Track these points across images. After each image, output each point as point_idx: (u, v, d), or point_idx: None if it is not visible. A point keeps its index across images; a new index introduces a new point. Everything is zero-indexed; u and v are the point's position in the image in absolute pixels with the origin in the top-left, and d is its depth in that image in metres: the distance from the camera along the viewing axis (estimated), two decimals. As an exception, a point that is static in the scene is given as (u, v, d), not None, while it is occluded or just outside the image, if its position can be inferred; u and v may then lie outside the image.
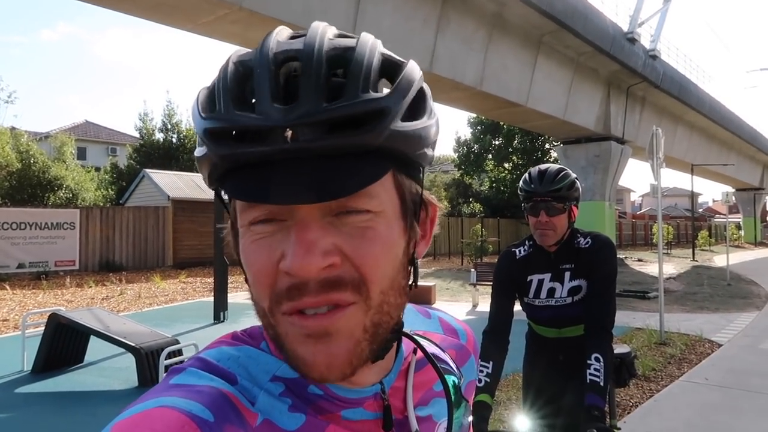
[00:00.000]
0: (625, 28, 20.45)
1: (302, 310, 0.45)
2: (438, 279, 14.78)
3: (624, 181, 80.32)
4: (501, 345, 2.04)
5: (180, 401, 0.44)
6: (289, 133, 0.43)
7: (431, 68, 14.03)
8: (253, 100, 0.45)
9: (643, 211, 62.48)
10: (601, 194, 22.79)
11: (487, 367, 1.96)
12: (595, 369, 1.81)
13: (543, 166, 2.06)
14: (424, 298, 10.79)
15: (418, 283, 0.53)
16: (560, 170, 2.04)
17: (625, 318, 9.10)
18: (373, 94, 0.45)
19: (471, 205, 33.73)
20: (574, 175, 2.06)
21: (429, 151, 0.51)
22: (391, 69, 0.50)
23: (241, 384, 0.49)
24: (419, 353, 0.60)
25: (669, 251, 28.81)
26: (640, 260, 22.44)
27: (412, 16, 13.24)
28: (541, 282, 2.08)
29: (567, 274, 2.04)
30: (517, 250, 2.18)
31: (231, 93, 0.46)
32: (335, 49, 0.50)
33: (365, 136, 0.44)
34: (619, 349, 2.08)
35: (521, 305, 2.20)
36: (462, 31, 14.79)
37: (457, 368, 0.66)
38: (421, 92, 0.52)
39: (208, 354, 0.52)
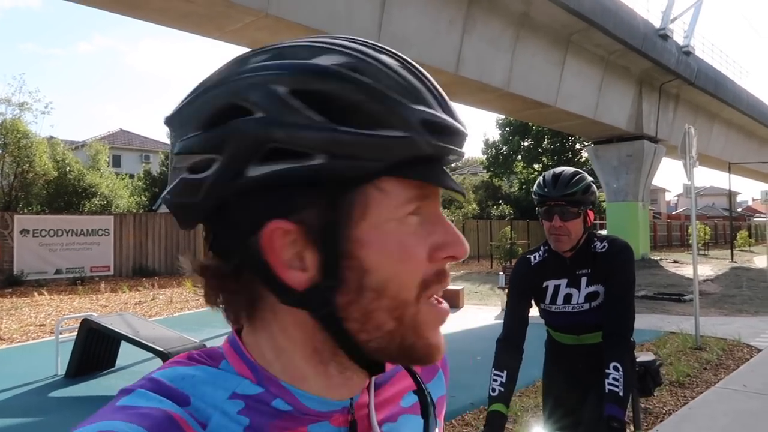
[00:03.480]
0: (657, 24, 20.02)
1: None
2: (467, 282, 14.67)
3: (658, 180, 78.77)
4: (514, 353, 2.00)
5: (121, 425, 0.43)
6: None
7: (458, 70, 13.95)
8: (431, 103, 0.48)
9: (678, 211, 60.97)
10: (634, 195, 22.33)
11: (501, 377, 1.94)
12: (614, 378, 1.75)
13: (558, 170, 2.01)
14: (452, 301, 10.70)
15: (447, 287, 0.54)
16: (575, 174, 1.99)
17: (659, 322, 8.88)
18: None
19: (500, 207, 33.40)
20: (589, 179, 2.00)
21: None
22: None
23: (193, 405, 0.47)
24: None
25: (706, 252, 28.04)
26: (675, 262, 21.89)
27: (438, 18, 13.19)
28: (557, 288, 2.03)
29: (583, 280, 1.98)
30: (532, 256, 2.14)
31: (430, 92, 0.49)
32: None
33: None
34: (644, 357, 2.01)
35: (539, 311, 2.15)
36: (488, 32, 14.67)
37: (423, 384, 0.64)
38: None
39: (160, 374, 0.50)
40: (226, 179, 0.46)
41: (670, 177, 67.07)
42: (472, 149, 46.35)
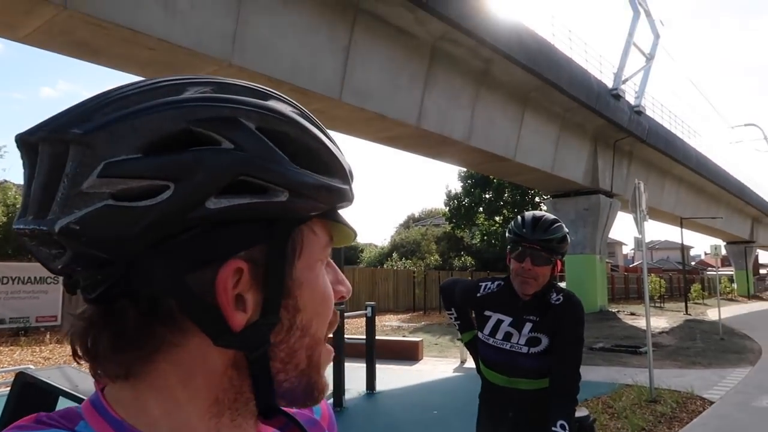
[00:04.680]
0: (609, 84, 21.00)
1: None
2: (427, 334, 14.54)
3: (615, 234, 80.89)
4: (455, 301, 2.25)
5: None
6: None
7: (419, 123, 14.25)
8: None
9: (635, 264, 62.43)
10: (591, 247, 22.81)
11: (452, 313, 2.22)
12: None
13: (538, 213, 2.00)
14: (411, 353, 10.57)
15: (406, 339, 0.56)
16: (555, 221, 1.99)
17: (615, 374, 8.91)
18: None
19: (462, 258, 33.64)
20: (566, 229, 2.01)
21: None
22: None
23: None
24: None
25: (662, 305, 28.62)
26: (632, 314, 22.23)
27: (400, 73, 13.55)
28: (500, 322, 1.99)
29: (528, 325, 1.95)
30: (483, 285, 2.12)
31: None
32: None
33: None
34: (577, 412, 1.97)
35: (477, 342, 2.12)
36: (449, 88, 15.11)
37: None
38: None
39: None
40: (181, 210, 0.42)
41: (626, 231, 68.96)
42: (435, 201, 46.90)
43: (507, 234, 2.05)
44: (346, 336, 7.28)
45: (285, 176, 0.45)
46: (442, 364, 10.08)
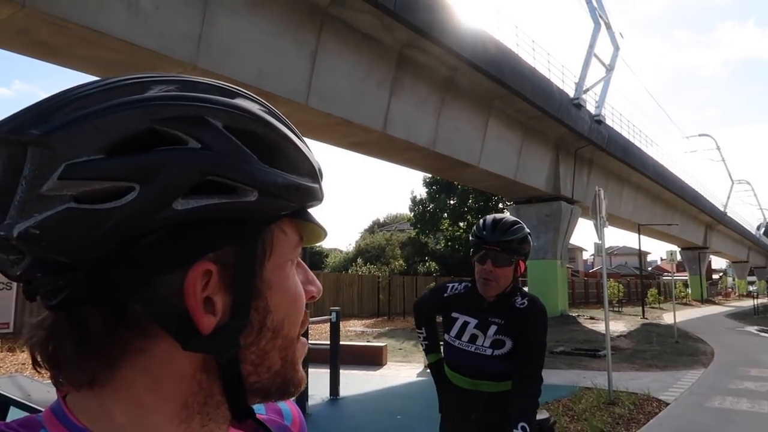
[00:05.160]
0: (571, 94, 21.48)
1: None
2: (391, 339, 14.58)
3: (576, 240, 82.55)
4: (427, 319, 2.29)
5: None
6: None
7: (385, 129, 14.32)
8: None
9: (595, 269, 63.84)
10: (552, 253, 23.25)
11: (422, 332, 2.23)
12: None
13: (498, 216, 2.04)
14: (374, 359, 10.58)
15: (370, 344, 0.57)
16: (515, 222, 2.02)
17: (575, 377, 9.10)
18: None
19: (427, 263, 33.85)
20: (527, 230, 2.04)
21: None
22: None
23: None
24: None
25: (620, 309, 29.32)
26: (592, 318, 22.71)
27: (366, 79, 13.59)
28: (466, 324, 2.02)
29: (493, 327, 1.98)
30: (450, 286, 2.16)
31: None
32: None
33: None
34: (538, 415, 2.01)
35: (443, 345, 2.14)
36: (415, 94, 15.23)
37: None
38: None
39: None
40: (147, 212, 0.41)
41: (586, 237, 70.47)
42: (400, 206, 47.09)
43: (470, 237, 2.08)
44: (310, 341, 7.23)
45: (254, 176, 0.44)
46: (406, 369, 10.12)
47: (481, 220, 2.06)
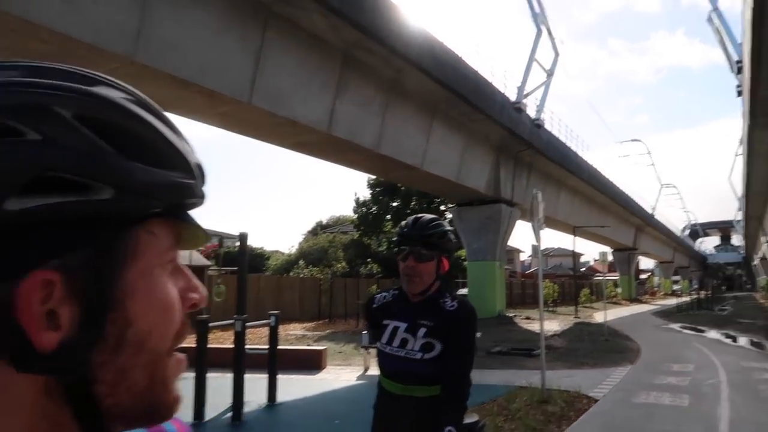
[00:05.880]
0: (513, 98, 22.05)
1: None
2: (331, 342, 14.58)
3: (513, 241, 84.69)
4: None
5: None
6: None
7: (330, 129, 14.30)
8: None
9: (531, 270, 65.74)
10: (492, 254, 23.78)
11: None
12: None
13: (420, 215, 2.11)
14: (314, 363, 10.54)
15: (309, 348, 0.52)
16: (434, 219, 2.09)
17: (511, 376, 9.38)
18: None
19: (369, 265, 33.96)
20: (448, 227, 2.11)
21: None
22: None
23: None
24: None
25: (555, 309, 30.33)
26: (528, 318, 23.40)
27: (312, 78, 13.53)
28: (396, 329, 2.05)
29: (422, 330, 2.00)
30: (378, 296, 2.21)
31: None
32: None
33: None
34: (467, 418, 2.07)
35: (377, 352, 2.16)
36: (361, 95, 15.27)
37: None
38: None
39: None
40: None
41: (523, 238, 72.41)
42: (344, 208, 47.04)
43: (395, 239, 2.15)
44: (247, 346, 7.15)
45: (108, 171, 0.39)
46: (346, 373, 10.14)
47: (404, 221, 2.13)
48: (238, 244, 8.01)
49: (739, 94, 24.08)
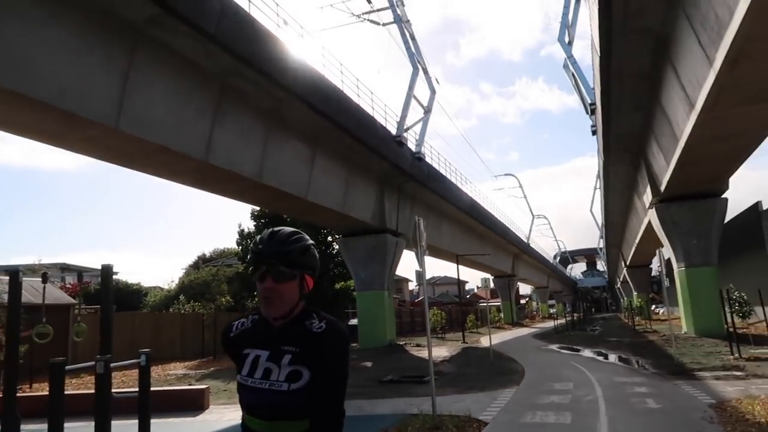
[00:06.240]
0: (393, 132, 22.51)
1: None
2: (217, 380, 13.64)
3: (401, 271, 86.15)
4: None
5: None
6: None
7: (207, 158, 13.62)
8: None
9: (419, 299, 67.05)
10: (380, 284, 23.83)
11: None
12: None
13: (276, 228, 1.80)
14: (195, 403, 9.75)
15: (190, 387, 0.36)
16: (293, 233, 1.79)
17: (402, 405, 9.19)
18: None
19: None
20: (310, 241, 1.82)
21: None
22: None
23: None
24: None
25: (443, 335, 30.91)
26: (418, 345, 23.55)
27: (187, 104, 12.86)
28: (257, 358, 1.73)
29: (287, 357, 1.70)
30: (237, 323, 1.87)
31: None
32: None
33: None
34: None
35: (238, 388, 1.81)
36: (239, 124, 14.77)
37: None
38: None
39: None
40: None
41: (411, 268, 73.96)
42: (227, 240, 45.53)
43: (248, 258, 1.85)
44: (114, 390, 6.38)
45: None
46: (230, 412, 9.44)
47: (258, 237, 1.83)
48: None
49: (594, 133, 26.40)
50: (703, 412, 7.50)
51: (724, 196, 21.90)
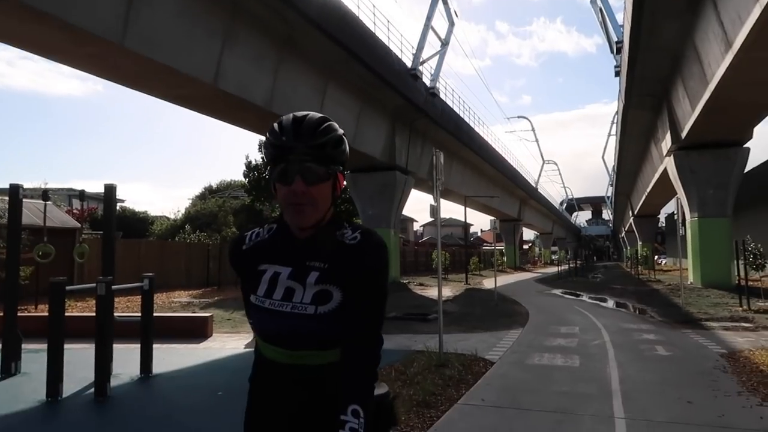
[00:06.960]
0: (409, 64, 21.73)
1: None
2: (219, 309, 13.66)
3: (407, 211, 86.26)
4: None
5: None
6: None
7: (216, 83, 13.13)
8: None
9: (424, 239, 67.32)
10: (387, 222, 23.66)
11: None
12: (351, 429, 1.24)
13: (299, 114, 1.40)
14: (199, 330, 9.71)
15: (193, 315, 0.34)
16: (323, 119, 1.40)
17: (407, 341, 9.12)
18: None
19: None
20: (340, 130, 1.43)
21: None
22: None
23: None
24: None
25: (446, 276, 31.03)
26: (421, 284, 23.65)
27: (196, 24, 12.27)
28: (276, 276, 1.39)
29: (314, 275, 1.37)
30: (249, 234, 1.51)
31: None
32: None
33: None
34: (376, 389, 1.41)
35: (246, 310, 1.47)
36: (251, 49, 14.17)
37: None
38: None
39: None
40: None
41: (416, 209, 73.95)
42: (234, 172, 45.39)
43: (263, 151, 1.40)
44: (117, 314, 6.25)
45: None
46: (233, 341, 9.41)
47: (275, 124, 1.40)
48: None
49: (617, 74, 25.34)
50: (715, 362, 7.36)
51: (746, 145, 21.27)
